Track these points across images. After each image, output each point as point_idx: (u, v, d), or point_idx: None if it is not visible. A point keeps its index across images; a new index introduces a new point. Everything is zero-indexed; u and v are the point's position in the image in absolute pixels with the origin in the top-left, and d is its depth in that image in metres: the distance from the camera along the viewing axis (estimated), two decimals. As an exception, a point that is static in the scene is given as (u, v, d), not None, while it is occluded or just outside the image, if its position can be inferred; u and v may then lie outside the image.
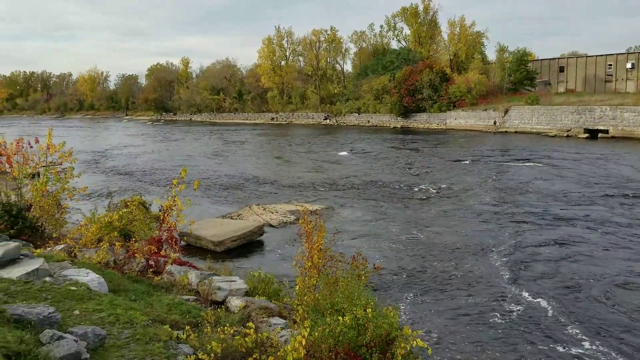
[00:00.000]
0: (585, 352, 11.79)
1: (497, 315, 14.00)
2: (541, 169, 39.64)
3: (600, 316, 13.84)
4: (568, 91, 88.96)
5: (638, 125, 57.85)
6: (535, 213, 25.63)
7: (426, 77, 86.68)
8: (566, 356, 11.70)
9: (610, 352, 11.76)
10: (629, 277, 16.53)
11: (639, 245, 19.96)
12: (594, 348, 11.95)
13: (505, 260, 18.68)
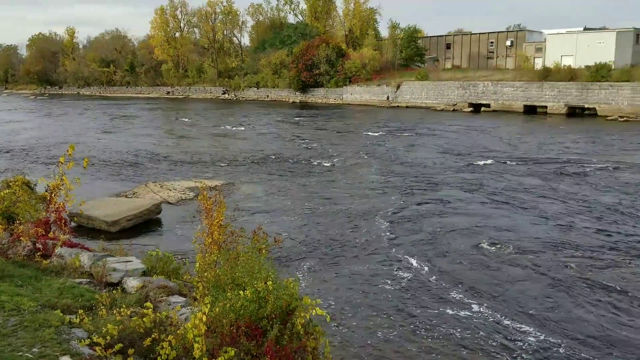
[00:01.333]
0: (474, 315, 12.66)
1: (389, 281, 14.76)
2: (427, 141, 41.91)
3: (481, 279, 14.99)
4: (454, 67, 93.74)
5: (516, 99, 62.35)
6: (419, 181, 27.30)
7: (323, 53, 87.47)
8: (456, 318, 12.53)
9: (495, 313, 12.70)
10: (499, 236, 18.03)
11: (507, 207, 21.93)
12: (481, 310, 12.85)
13: (395, 227, 19.65)
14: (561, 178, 27.45)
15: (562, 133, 44.74)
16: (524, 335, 11.63)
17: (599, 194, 23.86)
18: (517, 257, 16.46)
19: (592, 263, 15.79)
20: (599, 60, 60.16)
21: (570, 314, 12.65)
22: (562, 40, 79.21)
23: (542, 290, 14.06)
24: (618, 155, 33.35)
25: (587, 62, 63.03)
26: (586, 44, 74.30)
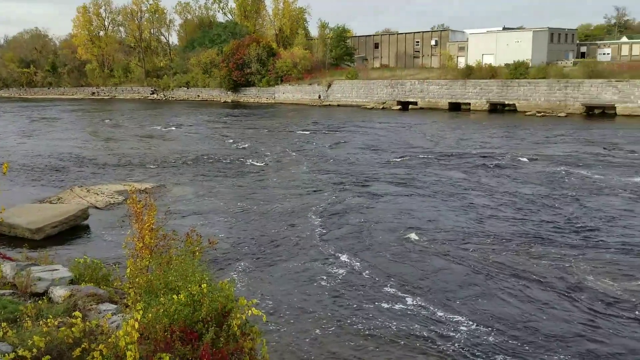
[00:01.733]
0: (408, 307, 13.05)
1: (324, 277, 15.00)
2: (357, 138, 42.67)
3: (412, 271, 15.50)
4: (383, 66, 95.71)
5: (441, 97, 64.48)
6: (350, 177, 27.80)
7: (254, 52, 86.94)
8: (391, 311, 12.86)
9: (428, 305, 13.15)
10: (426, 229, 18.72)
11: (433, 200, 22.72)
12: (415, 303, 13.25)
13: (327, 223, 19.94)
14: (482, 171, 28.70)
15: (483, 128, 46.71)
16: (456, 325, 12.10)
17: (516, 185, 25.13)
18: (444, 248, 17.13)
19: (510, 251, 16.66)
20: (517, 58, 63.18)
21: (495, 301, 13.31)
22: (483, 39, 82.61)
23: (467, 279, 14.71)
24: (535, 148, 35.20)
25: (506, 60, 66.05)
26: (505, 43, 77.85)
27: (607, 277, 14.41)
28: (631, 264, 15.32)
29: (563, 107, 54.24)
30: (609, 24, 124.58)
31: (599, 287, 13.85)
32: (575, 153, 33.06)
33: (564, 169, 28.48)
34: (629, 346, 11.13)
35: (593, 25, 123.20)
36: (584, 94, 53.23)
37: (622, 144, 35.29)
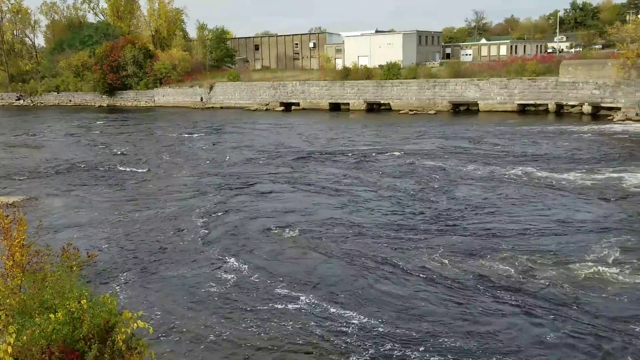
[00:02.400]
0: (302, 306, 13.40)
1: (213, 283, 15.03)
2: (239, 140, 42.78)
3: (301, 270, 16.04)
4: (264, 68, 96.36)
5: (322, 97, 66.32)
6: (233, 179, 27.99)
7: (129, 53, 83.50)
8: (286, 312, 13.14)
9: (321, 302, 13.61)
10: (311, 226, 19.44)
11: (315, 197, 23.49)
12: (308, 301, 13.66)
13: (212, 227, 20.01)
14: (360, 166, 30.13)
15: (361, 127, 48.85)
16: (348, 319, 12.62)
17: (390, 179, 26.69)
18: (327, 244, 17.88)
19: (385, 242, 17.78)
20: (390, 60, 66.59)
21: (377, 292, 14.17)
22: (358, 42, 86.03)
23: (350, 272, 15.52)
24: (407, 143, 37.48)
25: (380, 62, 69.42)
26: (378, 46, 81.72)
27: (471, 260, 15.95)
28: (495, 246, 17.05)
29: (432, 105, 58.07)
30: (469, 27, 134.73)
31: (464, 269, 15.29)
32: (443, 147, 35.71)
33: (433, 162, 30.68)
34: (493, 322, 12.51)
35: (456, 28, 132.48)
36: (450, 92, 57.38)
37: (485, 138, 38.64)
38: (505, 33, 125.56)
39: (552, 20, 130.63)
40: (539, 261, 15.61)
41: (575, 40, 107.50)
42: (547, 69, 54.05)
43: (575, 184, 24.53)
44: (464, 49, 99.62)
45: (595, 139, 36.30)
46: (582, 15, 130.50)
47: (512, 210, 20.90)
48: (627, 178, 24.88)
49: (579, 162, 29.10)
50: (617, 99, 47.49)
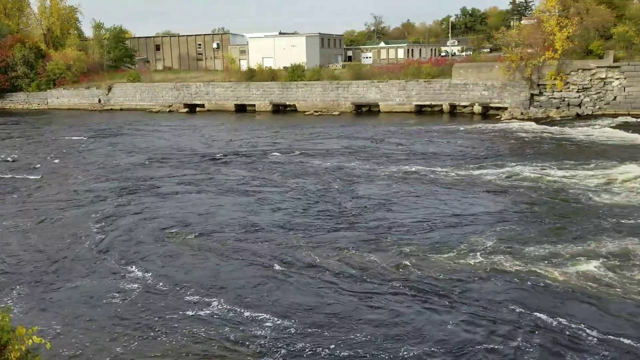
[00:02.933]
0: (214, 312, 13.49)
1: (116, 294, 14.58)
2: (140, 142, 41.87)
3: (210, 274, 16.13)
4: (166, 69, 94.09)
5: (227, 99, 66.13)
6: (131, 183, 27.58)
7: (19, 53, 78.33)
8: (198, 318, 13.15)
9: (234, 307, 13.73)
10: (215, 229, 19.71)
11: (217, 200, 23.73)
12: (220, 306, 13.69)
13: (111, 234, 19.55)
14: (267, 167, 30.63)
15: (266, 128, 49.40)
16: (261, 322, 12.82)
17: (297, 179, 27.56)
18: (233, 246, 18.11)
19: (291, 241, 18.36)
20: (294, 61, 67.70)
21: (286, 292, 14.61)
22: (262, 43, 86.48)
23: (259, 274, 15.78)
24: (312, 144, 38.62)
25: (284, 64, 70.33)
26: (282, 47, 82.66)
27: (373, 255, 16.97)
28: (393, 241, 18.29)
29: (336, 106, 59.83)
30: (369, 30, 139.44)
31: (365, 265, 16.27)
32: (345, 146, 37.11)
33: (336, 161, 31.87)
34: (396, 314, 13.54)
35: (356, 31, 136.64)
36: (353, 94, 59.42)
37: (386, 137, 40.59)
38: (402, 37, 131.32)
39: (445, 25, 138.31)
40: (432, 252, 16.88)
41: (466, 44, 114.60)
42: (441, 71, 57.45)
43: (467, 179, 26.60)
44: (364, 52, 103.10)
45: (485, 137, 39.32)
46: (472, 20, 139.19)
47: (410, 206, 22.28)
48: (514, 173, 27.31)
49: (470, 159, 31.49)
50: (504, 99, 51.58)
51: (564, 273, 14.81)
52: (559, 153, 32.16)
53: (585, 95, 48.84)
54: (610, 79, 47.94)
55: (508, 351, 11.34)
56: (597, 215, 19.88)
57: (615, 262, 15.35)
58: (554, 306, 13.11)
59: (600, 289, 13.85)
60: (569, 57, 48.91)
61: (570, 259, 15.74)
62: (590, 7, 50.71)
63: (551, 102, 49.74)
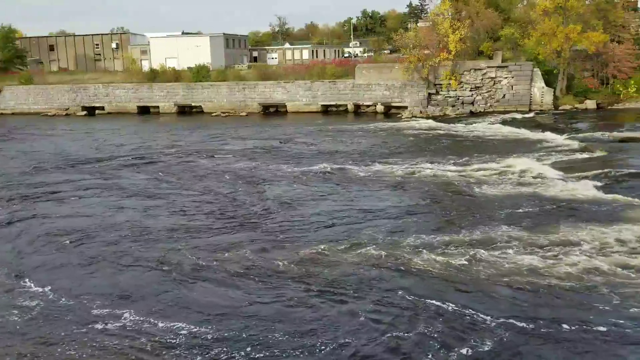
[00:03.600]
0: (127, 323, 13.03)
1: (15, 311, 13.79)
2: (30, 148, 39.65)
3: (114, 285, 15.59)
4: (61, 70, 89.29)
5: (129, 100, 63.91)
6: (20, 189, 26.35)
7: None
8: (107, 331, 12.73)
9: (147, 317, 13.48)
10: (108, 235, 19.26)
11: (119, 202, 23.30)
12: (131, 317, 13.24)
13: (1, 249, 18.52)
14: (171, 170, 30.07)
15: (170, 130, 48.26)
16: (176, 330, 12.57)
17: (202, 182, 27.42)
18: (134, 253, 17.64)
19: (197, 244, 18.33)
20: (199, 62, 66.74)
21: (198, 297, 14.45)
22: (164, 43, 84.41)
23: (166, 280, 15.46)
24: (220, 145, 38.44)
25: (188, 64, 69.10)
26: (186, 47, 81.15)
27: (281, 253, 17.43)
28: (303, 238, 18.82)
29: (244, 107, 59.72)
30: (274, 31, 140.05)
31: (274, 264, 16.62)
32: (254, 147, 37.31)
33: (244, 162, 32.00)
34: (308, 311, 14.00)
35: (261, 32, 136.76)
36: (260, 94, 59.60)
37: (294, 137, 41.21)
38: (306, 38, 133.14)
39: (347, 27, 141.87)
40: (335, 247, 17.45)
41: (368, 45, 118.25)
42: (345, 72, 59.06)
43: (371, 176, 27.71)
44: (270, 53, 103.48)
45: (388, 135, 41.04)
46: (372, 22, 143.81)
47: (316, 204, 22.81)
48: (414, 168, 28.76)
49: (373, 156, 32.76)
50: (404, 98, 53.97)
51: (457, 261, 15.95)
52: (454, 148, 34.29)
53: (478, 94, 52.27)
54: (499, 78, 51.62)
55: (414, 337, 12.02)
56: (488, 205, 21.54)
57: (506, 249, 16.68)
58: (448, 293, 14.04)
59: (491, 275, 15.09)
60: (462, 58, 52.11)
61: (464, 247, 16.94)
62: (480, 10, 54.35)
63: (447, 100, 52.71)
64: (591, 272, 14.82)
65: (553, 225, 18.47)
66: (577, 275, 14.71)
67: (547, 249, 16.39)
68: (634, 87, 50.59)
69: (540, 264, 15.40)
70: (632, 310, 12.74)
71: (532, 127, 40.08)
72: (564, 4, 50.18)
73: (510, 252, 16.32)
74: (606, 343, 11.58)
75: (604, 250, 16.27)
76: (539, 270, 15.05)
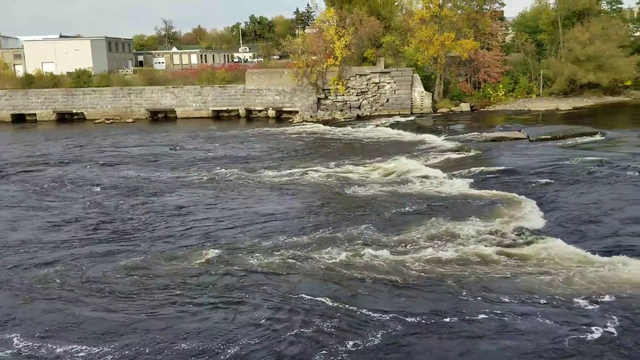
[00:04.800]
0: (19, 349, 12.37)
1: None
2: None
3: None
4: None
5: (2, 108, 58.83)
6: None
7: None
8: None
9: (36, 342, 13.03)
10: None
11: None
12: (21, 343, 12.59)
13: None
14: (47, 182, 28.72)
15: (47, 139, 45.33)
16: (74, 354, 12.15)
17: (85, 193, 26.50)
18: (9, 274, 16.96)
19: (76, 259, 17.91)
20: (79, 66, 63.45)
21: (90, 317, 13.99)
22: (40, 47, 79.29)
23: (53, 301, 14.87)
24: (101, 154, 37.00)
25: (68, 69, 65.41)
26: (64, 51, 76.79)
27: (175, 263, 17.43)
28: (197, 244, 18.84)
29: (130, 113, 57.67)
30: (160, 35, 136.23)
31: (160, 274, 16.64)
32: (142, 154, 36.37)
33: (131, 171, 31.14)
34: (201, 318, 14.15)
35: (147, 35, 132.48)
36: (147, 100, 57.86)
37: (185, 143, 40.57)
38: (194, 42, 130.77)
39: (236, 31, 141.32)
40: (229, 253, 17.73)
41: (257, 50, 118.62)
42: (235, 77, 58.98)
43: (261, 180, 28.16)
44: (156, 57, 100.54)
45: (279, 140, 41.66)
46: (261, 28, 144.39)
47: (208, 210, 22.84)
48: (304, 171, 29.58)
49: (265, 161, 33.26)
50: (295, 103, 54.99)
51: (347, 260, 16.82)
52: (343, 151, 35.66)
53: (364, 98, 54.54)
54: (383, 83, 54.22)
55: (317, 336, 12.55)
56: (371, 204, 22.76)
57: (395, 247, 17.77)
58: (329, 291, 14.73)
59: (370, 272, 16.03)
60: (348, 64, 54.11)
61: (346, 246, 17.82)
62: (363, 18, 56.70)
63: (335, 105, 54.46)
64: (466, 264, 16.20)
65: (430, 221, 19.88)
66: (451, 268, 15.97)
67: (424, 245, 17.58)
68: (503, 91, 55.41)
69: (416, 260, 16.46)
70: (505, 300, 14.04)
71: (413, 130, 42.61)
72: (439, 13, 53.84)
73: (385, 251, 17.09)
74: (483, 331, 12.63)
75: (475, 242, 17.83)
76: (414, 265, 16.14)
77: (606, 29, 54.07)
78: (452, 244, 17.62)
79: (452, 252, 16.91)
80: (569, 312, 13.15)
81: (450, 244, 17.57)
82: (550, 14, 59.58)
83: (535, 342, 11.96)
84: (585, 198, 21.94)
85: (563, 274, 15.08)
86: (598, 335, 12.14)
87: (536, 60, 57.75)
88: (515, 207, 21.35)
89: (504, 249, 17.11)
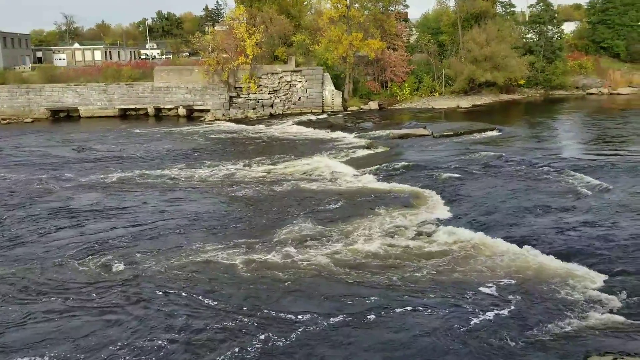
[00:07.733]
0: None
1: None
2: None
3: None
4: None
5: None
6: None
7: None
8: None
9: None
10: None
11: None
12: None
13: None
14: None
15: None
16: None
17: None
18: None
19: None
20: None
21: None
22: None
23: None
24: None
25: (-43, 66, 60.69)
26: (-49, 47, 71.03)
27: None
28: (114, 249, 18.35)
29: (29, 113, 54.43)
30: (60, 30, 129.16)
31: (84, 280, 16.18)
32: (42, 156, 34.56)
33: (26, 174, 29.56)
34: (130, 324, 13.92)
35: (46, 31, 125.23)
36: (47, 98, 54.85)
37: (89, 143, 38.91)
38: (98, 38, 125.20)
39: (142, 27, 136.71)
40: (141, 258, 17.48)
41: (165, 47, 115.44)
42: (143, 74, 57.30)
43: (174, 180, 27.73)
44: (57, 53, 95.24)
45: (191, 138, 41.02)
46: (169, 24, 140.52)
47: (114, 215, 22.04)
48: (218, 170, 29.47)
49: (176, 161, 32.66)
50: (206, 101, 54.30)
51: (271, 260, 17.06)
52: (256, 149, 35.81)
53: (276, 97, 54.87)
54: (294, 82, 54.82)
55: (230, 337, 12.70)
56: (288, 202, 23.16)
57: (306, 245, 18.24)
58: (259, 291, 15.02)
59: (296, 270, 16.47)
60: (260, 62, 54.18)
61: (269, 246, 18.18)
62: (273, 16, 56.97)
63: (248, 103, 54.38)
64: (374, 257, 16.91)
65: (345, 216, 20.62)
66: (358, 262, 16.57)
67: (343, 241, 18.18)
68: (408, 90, 57.82)
69: (338, 255, 16.97)
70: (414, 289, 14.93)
71: (325, 127, 43.54)
72: (346, 13, 55.20)
73: (296, 250, 17.48)
74: (407, 324, 13.19)
75: (382, 235, 18.68)
76: (337, 261, 16.62)
77: (501, 30, 57.88)
78: (361, 238, 18.27)
79: (361, 246, 17.52)
80: (474, 297, 14.18)
81: (360, 239, 18.18)
82: (451, 16, 62.84)
83: (442, 328, 12.85)
84: (485, 190, 23.57)
85: (467, 261, 16.21)
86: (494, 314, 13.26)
87: (438, 61, 60.77)
88: (422, 199, 22.57)
89: (410, 241, 18.01)
